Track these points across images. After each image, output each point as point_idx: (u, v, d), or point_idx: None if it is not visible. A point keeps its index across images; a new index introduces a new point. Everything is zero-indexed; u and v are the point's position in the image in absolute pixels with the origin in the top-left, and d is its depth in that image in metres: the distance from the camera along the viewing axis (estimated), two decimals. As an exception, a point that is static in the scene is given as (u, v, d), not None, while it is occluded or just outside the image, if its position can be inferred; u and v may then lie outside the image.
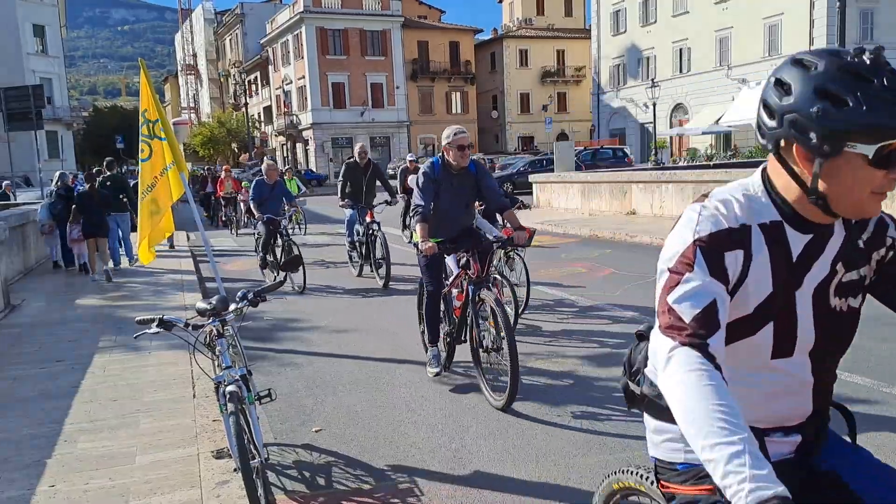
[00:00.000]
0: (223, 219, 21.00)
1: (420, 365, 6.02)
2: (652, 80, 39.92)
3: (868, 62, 1.38)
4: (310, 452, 4.33)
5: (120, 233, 12.53)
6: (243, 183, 21.50)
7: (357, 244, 10.66)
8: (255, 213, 10.00)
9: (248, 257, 14.02)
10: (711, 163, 32.99)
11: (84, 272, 11.46)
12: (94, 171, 15.12)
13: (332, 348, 6.77)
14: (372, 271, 10.30)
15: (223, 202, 21.18)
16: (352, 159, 10.63)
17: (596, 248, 12.61)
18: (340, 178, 10.80)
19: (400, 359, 6.26)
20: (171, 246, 14.52)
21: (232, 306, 3.59)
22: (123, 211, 12.25)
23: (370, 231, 10.17)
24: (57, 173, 13.06)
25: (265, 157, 11.39)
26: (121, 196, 12.21)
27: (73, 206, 11.11)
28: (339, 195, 10.70)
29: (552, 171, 24.86)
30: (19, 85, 23.98)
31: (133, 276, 11.31)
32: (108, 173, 12.76)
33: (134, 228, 9.93)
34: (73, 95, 77.37)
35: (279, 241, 9.96)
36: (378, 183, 10.74)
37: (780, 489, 1.18)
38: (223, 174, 21.56)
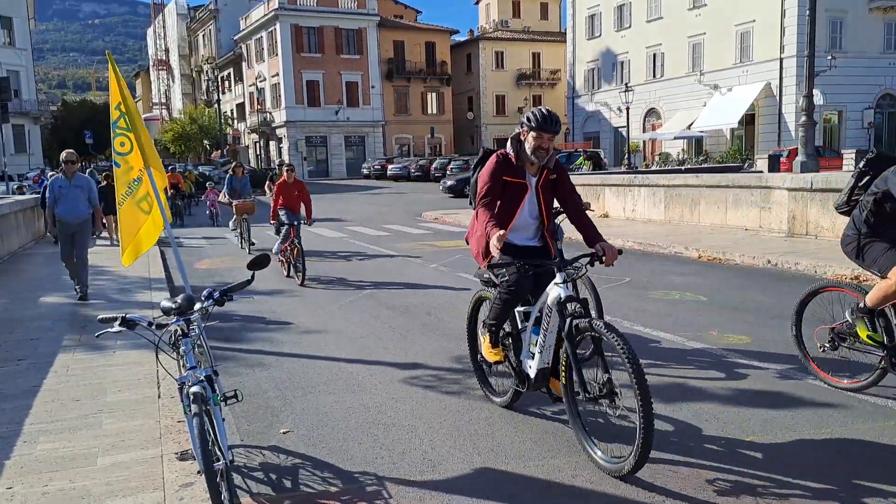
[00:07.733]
0: None
1: (391, 366, 5.99)
2: (626, 84, 40.33)
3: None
4: (277, 454, 4.27)
5: None
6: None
7: None
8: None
9: (217, 255, 13.85)
10: (683, 167, 33.41)
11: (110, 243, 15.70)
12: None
13: (301, 349, 6.70)
14: None
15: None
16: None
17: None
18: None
19: (371, 360, 6.21)
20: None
21: (197, 305, 3.52)
22: None
23: None
24: (87, 172, 17.42)
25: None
26: None
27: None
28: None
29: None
30: (-16, 77, 23.44)
31: (99, 274, 11.09)
32: None
33: None
34: (41, 89, 75.82)
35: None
36: None
37: None
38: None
